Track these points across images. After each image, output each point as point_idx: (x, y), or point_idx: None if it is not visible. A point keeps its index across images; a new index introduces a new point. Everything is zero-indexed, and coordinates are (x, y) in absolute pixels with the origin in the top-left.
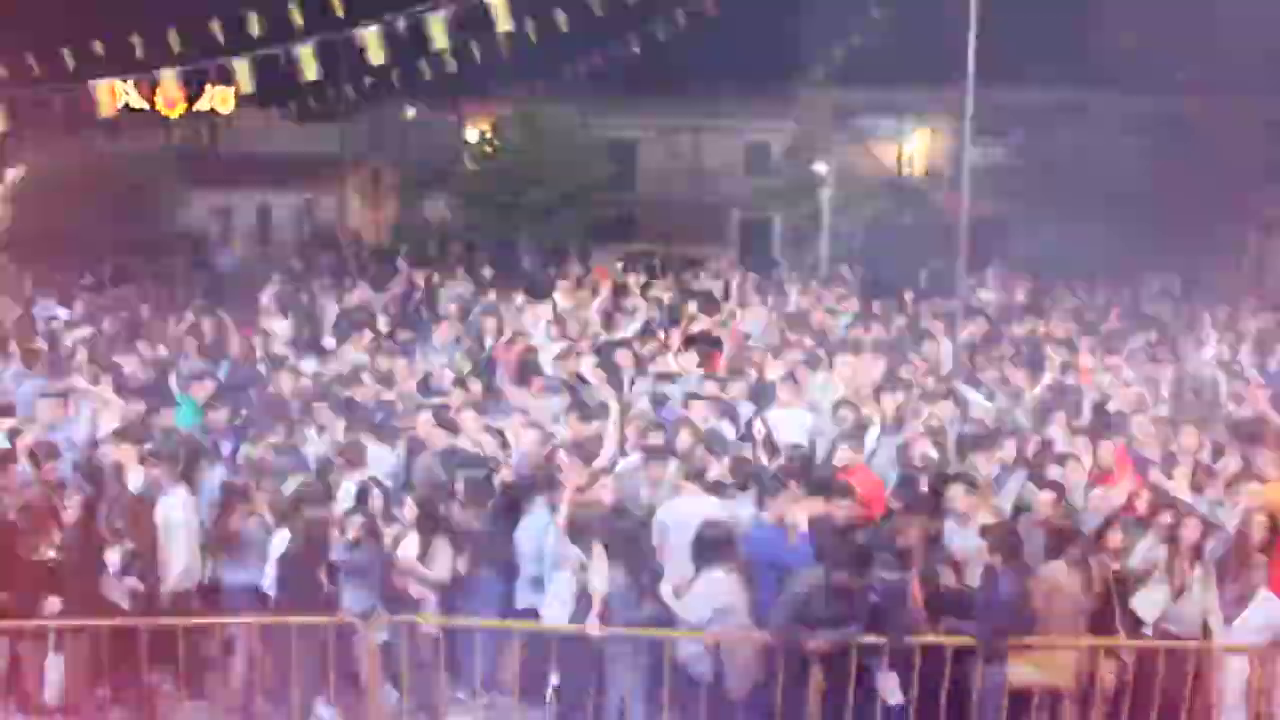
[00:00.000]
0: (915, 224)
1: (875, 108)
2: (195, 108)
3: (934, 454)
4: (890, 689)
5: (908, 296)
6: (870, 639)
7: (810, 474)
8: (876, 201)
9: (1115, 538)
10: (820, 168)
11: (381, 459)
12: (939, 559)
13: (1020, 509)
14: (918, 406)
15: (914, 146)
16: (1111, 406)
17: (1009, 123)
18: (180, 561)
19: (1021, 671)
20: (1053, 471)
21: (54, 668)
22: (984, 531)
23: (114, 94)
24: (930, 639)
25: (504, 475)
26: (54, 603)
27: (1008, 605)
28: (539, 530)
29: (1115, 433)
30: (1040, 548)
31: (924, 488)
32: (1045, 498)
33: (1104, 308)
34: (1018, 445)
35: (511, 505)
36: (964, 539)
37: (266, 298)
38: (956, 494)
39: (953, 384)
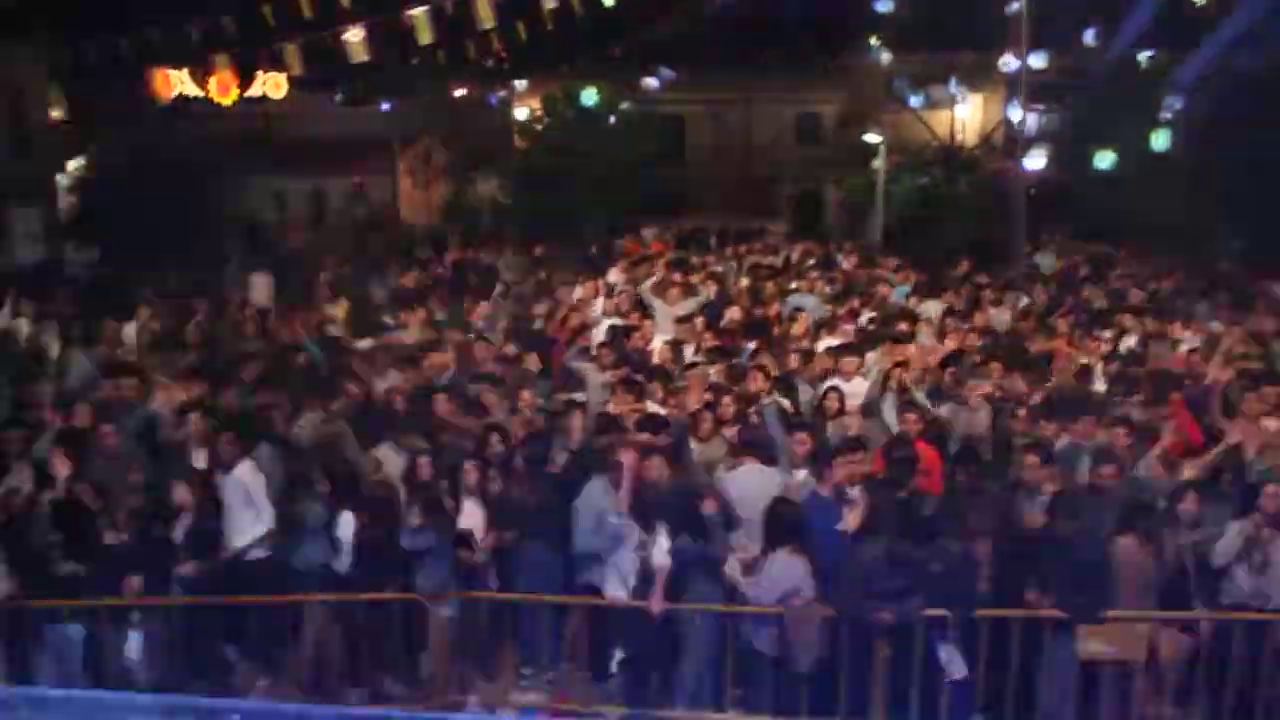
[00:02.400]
0: (970, 193)
1: (927, 76)
2: (247, 94)
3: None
4: (954, 662)
5: (964, 266)
6: (934, 612)
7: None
8: (930, 170)
9: (1189, 509)
10: (872, 137)
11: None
12: (1008, 529)
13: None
14: (978, 376)
15: (967, 114)
16: (1175, 373)
17: (1065, 86)
18: (246, 537)
19: (1091, 645)
20: (1120, 441)
21: (133, 645)
22: (1056, 501)
23: (170, 82)
24: (996, 612)
25: (560, 450)
26: (133, 581)
27: (1083, 576)
28: (598, 505)
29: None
30: (1109, 521)
31: (988, 458)
32: (1108, 469)
33: (1168, 273)
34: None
35: (569, 480)
36: (1034, 509)
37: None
38: (1031, 463)
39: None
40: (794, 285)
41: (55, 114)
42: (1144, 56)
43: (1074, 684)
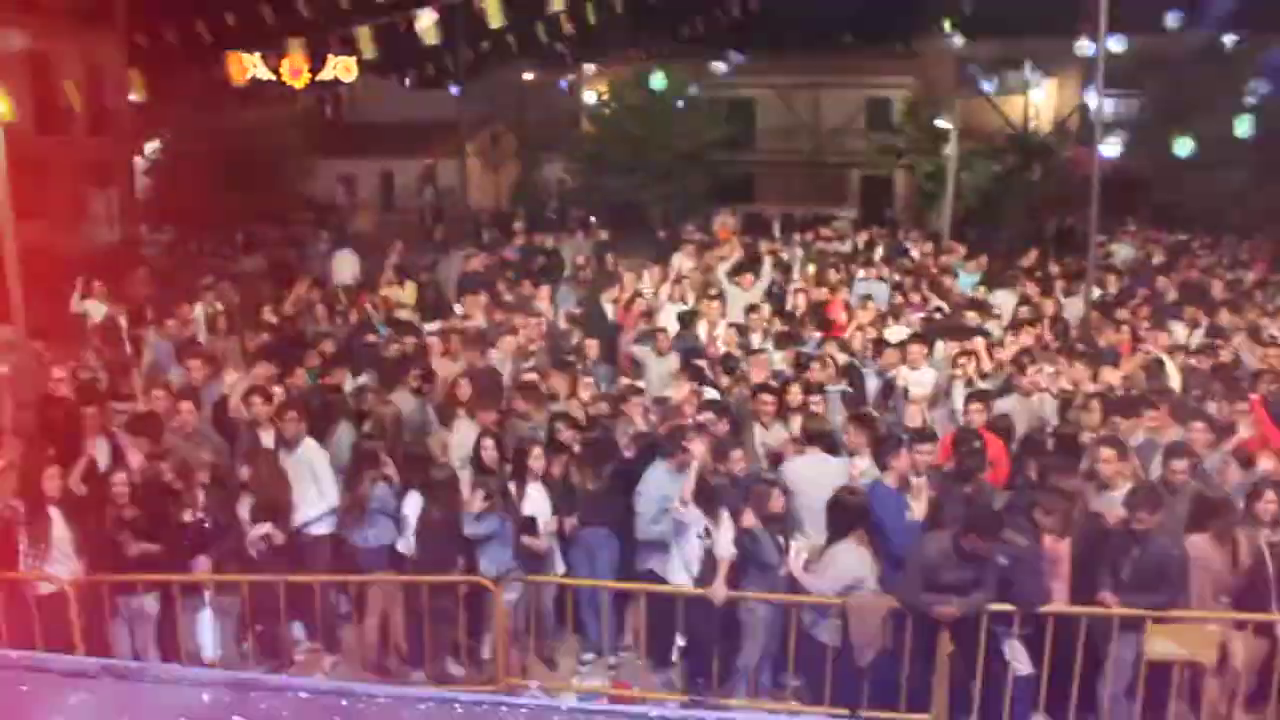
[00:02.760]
0: (1043, 180)
1: (1000, 60)
2: (319, 77)
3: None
4: (1019, 658)
5: (1034, 254)
6: (1000, 607)
7: (935, 435)
8: (1002, 157)
9: (1268, 506)
10: (943, 123)
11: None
12: (1077, 524)
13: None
14: (1046, 367)
15: (1041, 99)
16: (1252, 367)
17: (1142, 71)
18: (311, 514)
19: (1160, 645)
20: (1198, 439)
21: (204, 623)
22: (1132, 497)
23: (243, 65)
24: (1062, 608)
25: (623, 437)
26: (203, 561)
27: (1154, 574)
28: (660, 492)
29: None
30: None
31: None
32: (1180, 465)
33: (1247, 262)
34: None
35: (631, 467)
36: (1107, 504)
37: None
38: (1107, 457)
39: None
40: (861, 273)
41: (132, 97)
42: (1229, 40)
43: (1140, 685)
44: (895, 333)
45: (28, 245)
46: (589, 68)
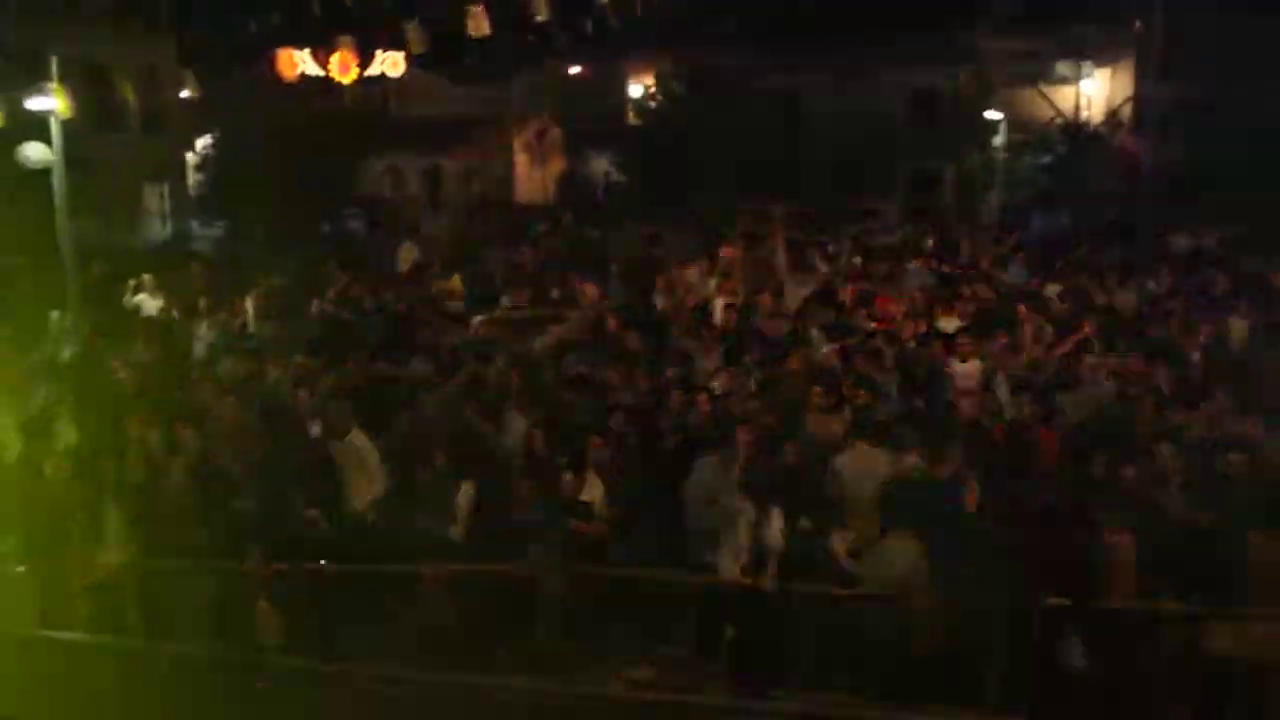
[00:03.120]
0: (1094, 171)
1: (1052, 49)
2: (367, 73)
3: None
4: (1075, 653)
5: (1084, 247)
6: (1055, 601)
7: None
8: (1053, 148)
9: None
10: (993, 114)
11: None
12: (1135, 519)
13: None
14: (1097, 360)
15: (1093, 89)
16: None
17: (1199, 60)
18: (360, 504)
19: (1220, 643)
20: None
21: (261, 611)
22: (1191, 492)
23: (293, 62)
24: (1119, 604)
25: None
26: (256, 550)
27: (1215, 570)
28: (709, 484)
29: None
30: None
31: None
32: (1238, 458)
33: None
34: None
35: (680, 458)
36: (1165, 498)
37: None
38: (1165, 452)
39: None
40: (912, 265)
41: (184, 94)
42: None
43: (1200, 683)
44: (945, 324)
45: (84, 241)
46: (635, 61)
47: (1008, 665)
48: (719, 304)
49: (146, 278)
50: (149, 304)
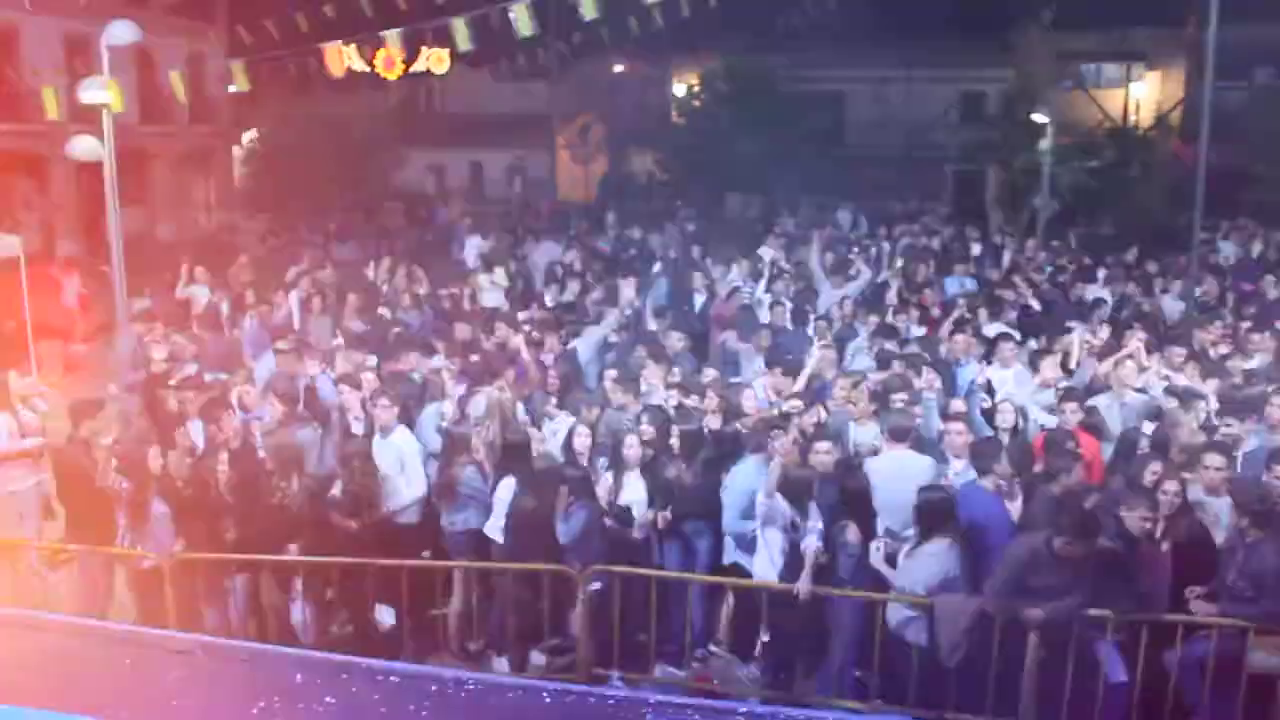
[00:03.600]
0: (1143, 175)
1: (1099, 52)
2: (412, 69)
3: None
4: (1112, 664)
5: (1133, 253)
6: (1093, 611)
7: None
8: (1101, 152)
9: None
10: (1039, 117)
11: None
12: (1179, 530)
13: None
14: (1148, 368)
15: (1142, 92)
16: None
17: (1251, 62)
18: (400, 500)
19: (1263, 658)
20: None
21: (297, 607)
22: (1239, 502)
23: (340, 57)
24: (1158, 616)
25: (711, 429)
26: (293, 546)
27: (1259, 583)
28: (748, 486)
29: None
30: None
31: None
32: None
33: None
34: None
35: (720, 459)
36: (1210, 510)
37: (471, 254)
38: (1213, 463)
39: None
40: (956, 268)
41: (232, 88)
42: None
43: (1241, 698)
44: (990, 329)
45: (132, 231)
46: (680, 60)
47: (1044, 676)
48: (766, 304)
49: (199, 269)
50: (200, 295)
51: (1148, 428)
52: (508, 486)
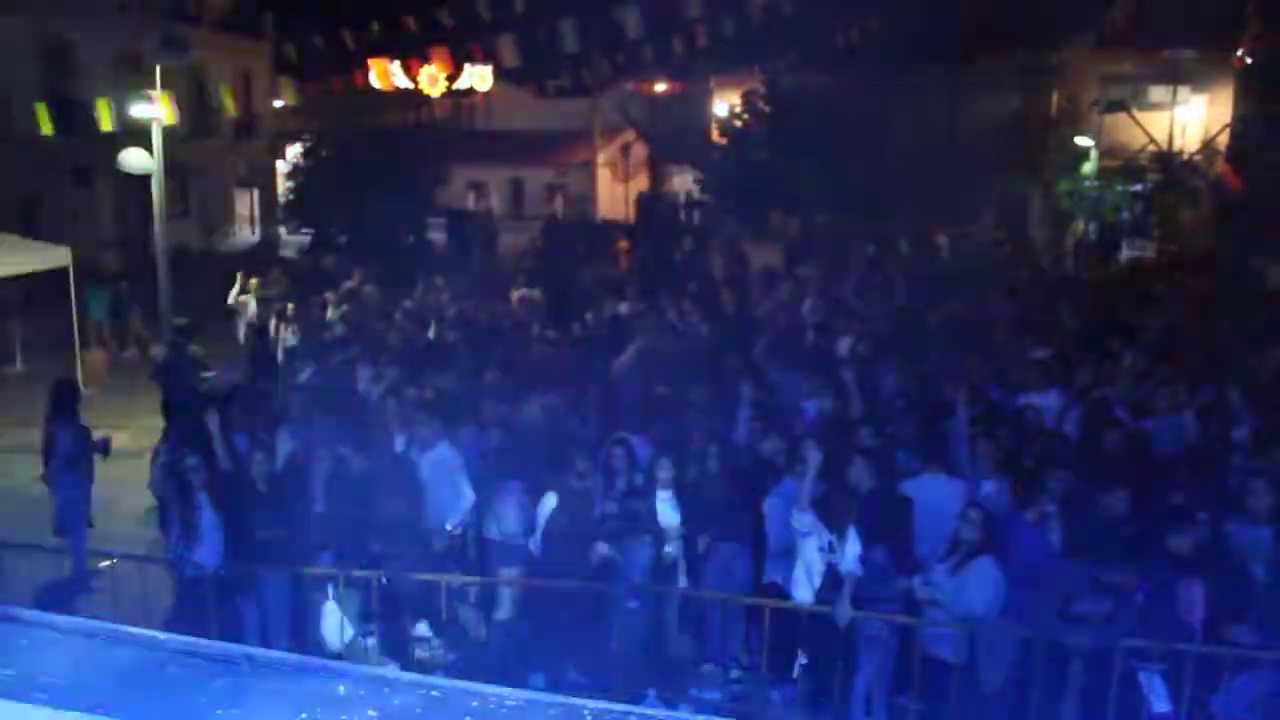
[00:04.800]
0: (1188, 200)
1: (1146, 74)
2: (455, 86)
3: None
4: (1156, 694)
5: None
6: (1137, 641)
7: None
8: (1144, 176)
9: None
10: (1083, 140)
11: None
12: (1221, 558)
13: None
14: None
15: (1188, 116)
16: None
17: None
18: (445, 515)
19: None
20: None
21: (331, 614)
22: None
23: (384, 73)
24: (1204, 647)
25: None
26: (327, 556)
27: None
28: (786, 506)
29: None
30: None
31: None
32: None
33: None
34: None
35: (761, 478)
36: (1253, 540)
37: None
38: (1260, 490)
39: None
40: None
41: (278, 103)
42: None
43: None
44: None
45: (178, 244)
46: (722, 79)
47: (1086, 704)
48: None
49: (253, 281)
50: (250, 306)
51: None
52: (549, 502)
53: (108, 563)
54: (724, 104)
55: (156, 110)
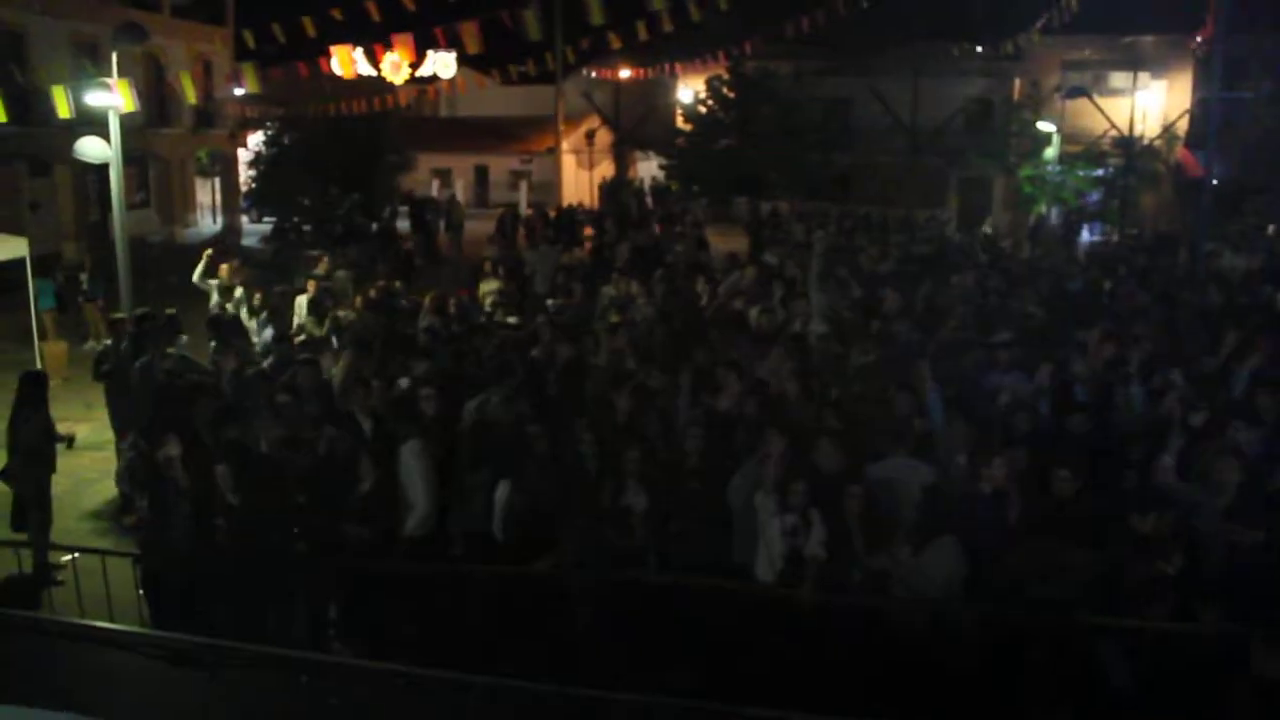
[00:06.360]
0: (1148, 184)
1: (1106, 60)
2: (418, 73)
3: None
4: (1116, 670)
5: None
6: (1096, 617)
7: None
8: (1106, 160)
9: None
10: (1045, 125)
11: None
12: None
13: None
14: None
15: (1148, 101)
16: None
17: (1257, 73)
18: (418, 508)
19: (1271, 665)
20: None
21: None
22: (1238, 507)
23: (346, 61)
24: (1164, 624)
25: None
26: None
27: (1263, 588)
28: (748, 488)
29: None
30: None
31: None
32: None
33: None
34: None
35: (724, 463)
36: (1209, 513)
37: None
38: (1225, 468)
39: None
40: (957, 276)
41: (238, 91)
42: None
43: (1249, 705)
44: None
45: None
46: (686, 65)
47: (1049, 682)
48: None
49: (224, 267)
50: (213, 298)
51: None
52: (503, 489)
53: (69, 557)
54: (689, 90)
55: (114, 98)
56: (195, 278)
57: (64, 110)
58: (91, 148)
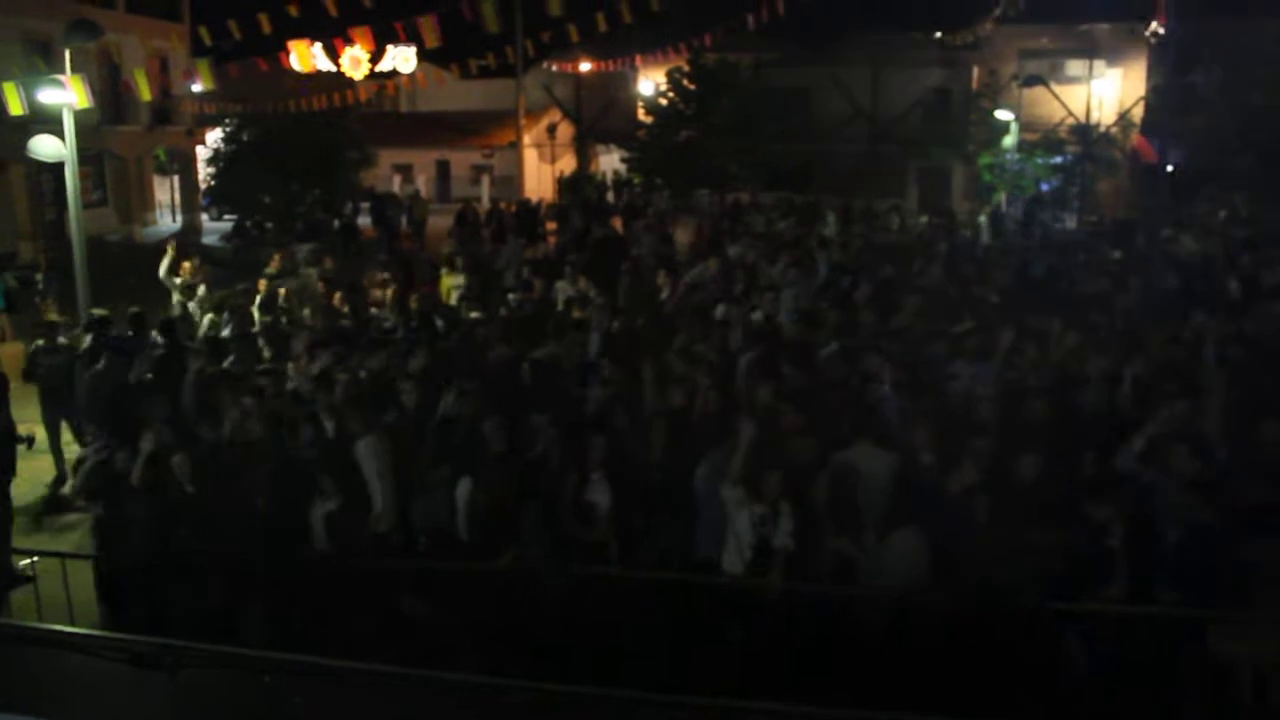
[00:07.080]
0: (1105, 171)
1: (1063, 49)
2: (378, 68)
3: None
4: (1077, 655)
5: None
6: (1059, 604)
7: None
8: (1064, 148)
9: None
10: (1004, 114)
11: None
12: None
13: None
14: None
15: (1105, 89)
16: None
17: (1210, 60)
18: (376, 507)
19: (1227, 646)
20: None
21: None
22: (1189, 489)
23: (305, 56)
24: (1122, 608)
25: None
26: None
27: (1219, 572)
28: (714, 478)
29: None
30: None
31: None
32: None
33: None
34: None
35: (691, 453)
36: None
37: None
38: (1182, 452)
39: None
40: (917, 266)
41: (196, 87)
42: None
43: (1206, 686)
44: (962, 325)
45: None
46: (647, 57)
47: (1011, 667)
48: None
49: (185, 264)
50: (175, 297)
51: None
52: (464, 485)
53: (28, 560)
54: (649, 83)
55: (68, 95)
56: (161, 273)
57: (16, 108)
58: (46, 146)
